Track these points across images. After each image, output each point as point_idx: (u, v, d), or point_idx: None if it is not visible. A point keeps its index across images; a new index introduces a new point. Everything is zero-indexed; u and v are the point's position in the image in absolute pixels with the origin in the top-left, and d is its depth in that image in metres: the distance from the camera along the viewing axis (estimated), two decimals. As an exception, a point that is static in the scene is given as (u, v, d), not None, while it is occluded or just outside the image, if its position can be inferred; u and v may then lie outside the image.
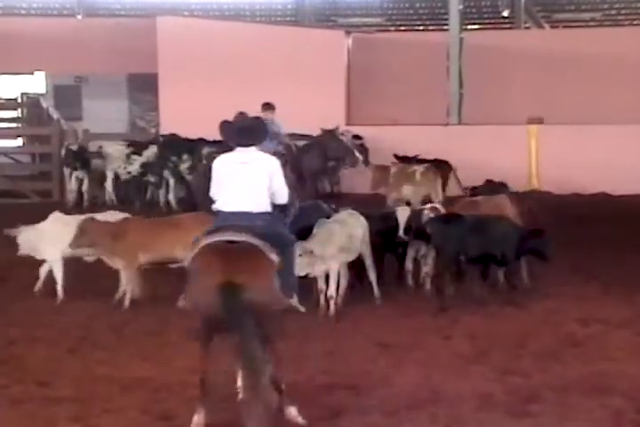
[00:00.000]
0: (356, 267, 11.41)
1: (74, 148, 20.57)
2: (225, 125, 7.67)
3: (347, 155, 14.13)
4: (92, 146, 20.93)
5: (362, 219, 11.38)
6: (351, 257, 11.10)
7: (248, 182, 7.34)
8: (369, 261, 11.31)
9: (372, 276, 11.36)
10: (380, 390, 8.03)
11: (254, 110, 14.16)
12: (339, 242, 10.76)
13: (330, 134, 14.48)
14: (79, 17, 31.63)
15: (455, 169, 17.24)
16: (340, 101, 23.14)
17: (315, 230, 10.64)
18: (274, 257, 7.04)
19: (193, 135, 20.40)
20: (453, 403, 7.68)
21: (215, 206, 7.48)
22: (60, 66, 27.78)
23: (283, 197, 7.56)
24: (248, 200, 7.30)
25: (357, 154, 14.15)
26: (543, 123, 22.83)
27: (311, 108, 21.62)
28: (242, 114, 7.98)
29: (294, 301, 7.41)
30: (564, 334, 9.78)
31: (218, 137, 8.17)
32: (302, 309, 7.67)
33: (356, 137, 20.66)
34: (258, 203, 7.33)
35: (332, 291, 10.70)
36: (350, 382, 8.22)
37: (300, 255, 10.04)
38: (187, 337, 7.98)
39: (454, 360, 8.93)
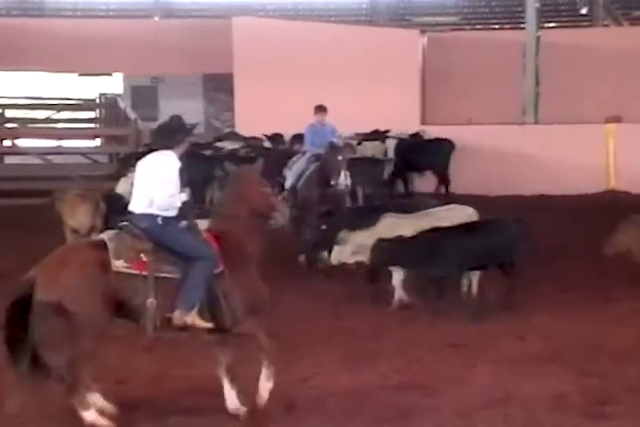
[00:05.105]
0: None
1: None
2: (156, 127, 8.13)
3: (333, 174, 13.42)
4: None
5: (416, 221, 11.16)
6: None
7: (138, 183, 7.55)
8: None
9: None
10: (453, 391, 8.00)
11: (329, 110, 14.18)
12: (352, 242, 11.05)
13: (333, 150, 13.81)
14: (156, 18, 31.95)
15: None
16: (414, 101, 23.02)
17: None
18: (119, 264, 7.07)
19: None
20: (527, 404, 7.63)
21: None
22: (137, 67, 28.14)
23: (172, 202, 7.41)
24: (135, 200, 7.52)
25: (342, 176, 13.31)
26: (621, 121, 22.50)
27: (386, 108, 21.57)
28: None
29: (190, 316, 7.19)
30: (641, 336, 9.66)
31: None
32: (205, 325, 7.31)
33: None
34: (141, 203, 7.43)
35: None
36: (422, 382, 8.21)
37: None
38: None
39: (528, 361, 8.86)
